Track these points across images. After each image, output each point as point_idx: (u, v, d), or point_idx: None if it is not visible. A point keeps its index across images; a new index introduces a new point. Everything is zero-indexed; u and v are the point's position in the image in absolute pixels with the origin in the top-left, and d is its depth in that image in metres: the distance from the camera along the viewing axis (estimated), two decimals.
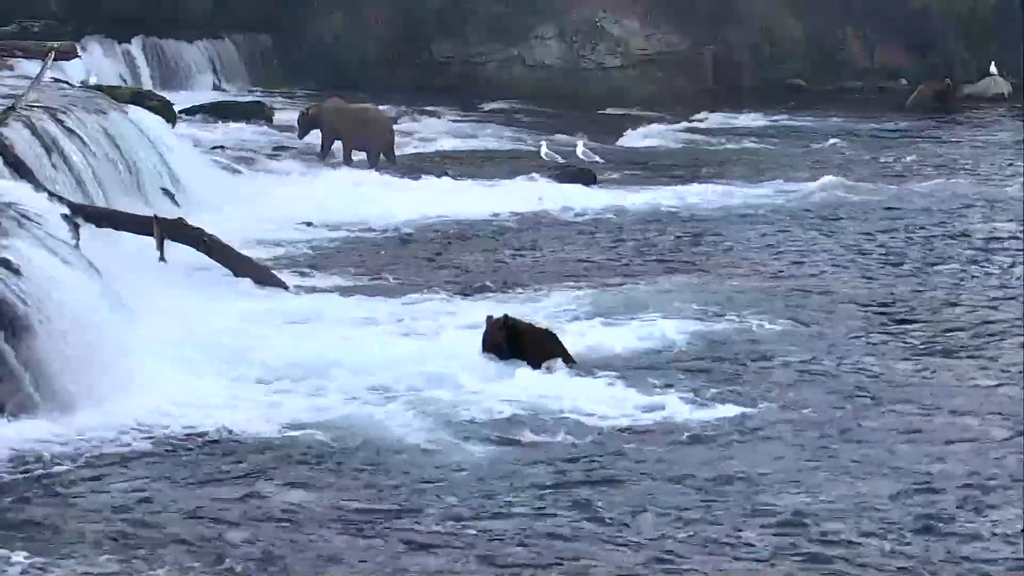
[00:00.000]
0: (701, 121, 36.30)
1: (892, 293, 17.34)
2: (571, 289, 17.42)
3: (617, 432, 12.23)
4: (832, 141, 32.13)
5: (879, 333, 15.43)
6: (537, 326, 14.37)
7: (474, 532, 10.05)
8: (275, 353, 13.92)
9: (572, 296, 16.99)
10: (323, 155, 27.87)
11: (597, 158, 28.75)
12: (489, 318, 14.28)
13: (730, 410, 12.70)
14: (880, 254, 19.82)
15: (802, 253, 20.00)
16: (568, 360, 13.97)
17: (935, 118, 37.15)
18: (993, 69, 41.07)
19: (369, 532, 10.03)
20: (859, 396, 13.25)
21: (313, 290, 17.48)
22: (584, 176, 26.25)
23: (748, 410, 12.71)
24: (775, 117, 37.30)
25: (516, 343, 14.08)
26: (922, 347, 14.96)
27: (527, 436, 12.05)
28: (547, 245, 20.77)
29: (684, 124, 35.56)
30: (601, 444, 11.94)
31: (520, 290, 17.22)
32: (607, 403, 12.89)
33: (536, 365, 13.87)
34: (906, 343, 15.08)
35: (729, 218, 22.80)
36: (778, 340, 15.03)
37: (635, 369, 13.92)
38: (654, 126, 34.69)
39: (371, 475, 11.13)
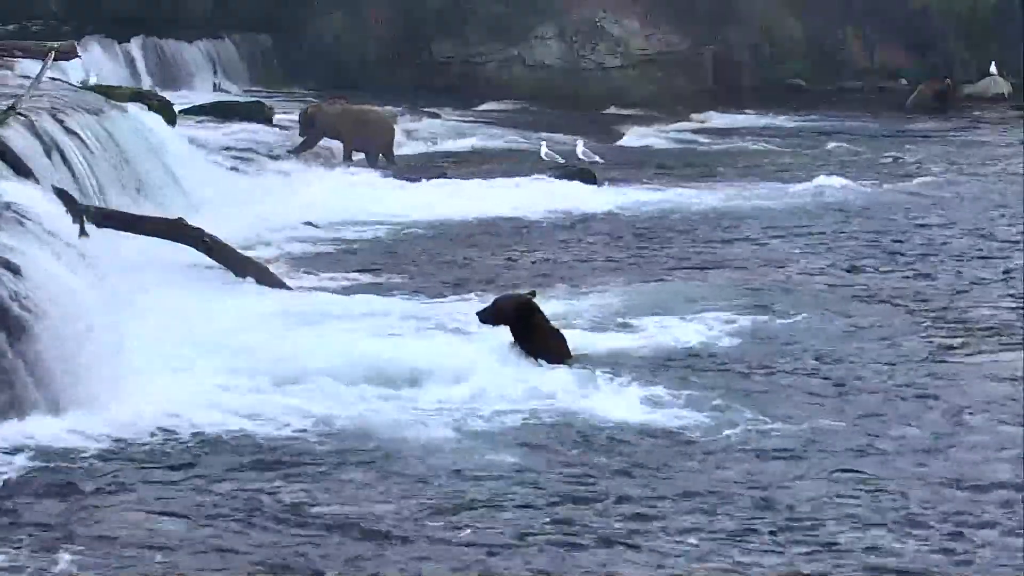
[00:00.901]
0: (701, 121, 36.32)
1: (918, 292, 17.30)
2: (609, 287, 17.33)
3: (659, 437, 11.97)
4: (832, 142, 32.15)
5: (921, 334, 15.31)
6: (549, 323, 14.28)
7: (491, 538, 9.91)
8: (277, 353, 13.86)
9: (619, 293, 16.91)
10: (299, 150, 27.92)
11: (597, 158, 28.75)
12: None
13: (784, 416, 12.39)
14: (891, 253, 19.76)
15: (821, 251, 19.97)
16: (568, 362, 13.90)
17: (935, 118, 37.17)
18: (993, 69, 41.14)
19: (375, 534, 9.97)
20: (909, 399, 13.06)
21: (315, 290, 17.46)
22: (585, 176, 26.26)
23: (800, 418, 12.39)
24: (775, 117, 37.35)
25: (525, 328, 14.01)
26: (947, 343, 14.92)
27: (551, 441, 11.84)
28: (559, 244, 20.72)
29: (684, 124, 35.61)
30: (639, 450, 11.68)
31: (546, 288, 17.03)
32: (645, 406, 12.67)
33: (531, 356, 13.78)
34: (938, 341, 15.00)
35: (737, 217, 22.77)
36: (838, 338, 15.02)
37: (695, 369, 13.79)
38: (654, 126, 34.71)
39: (379, 477, 11.06)
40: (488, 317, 14.17)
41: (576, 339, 14.34)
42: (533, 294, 14.51)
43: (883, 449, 11.63)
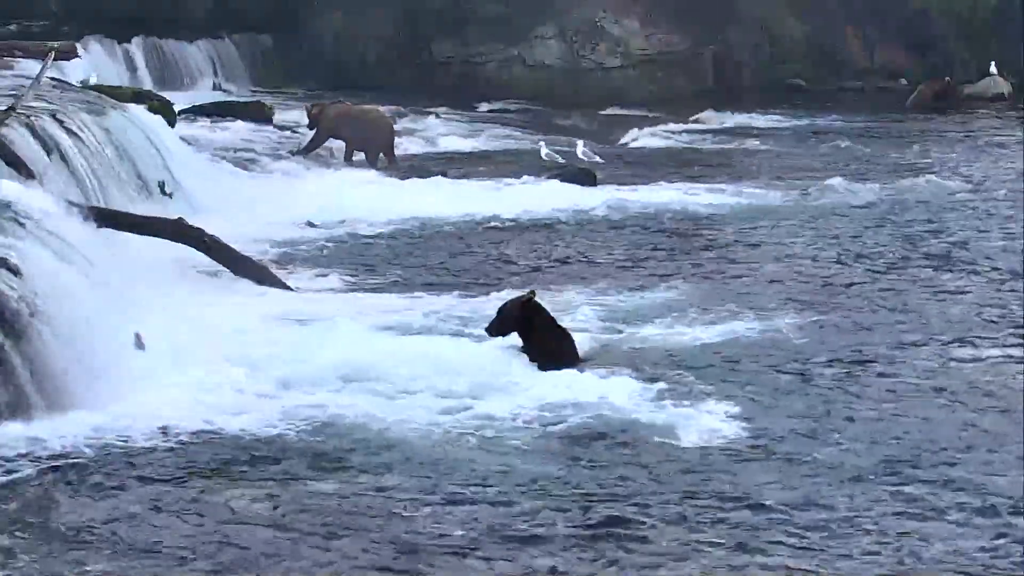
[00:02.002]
0: (701, 121, 36.27)
1: (934, 293, 17.31)
2: (612, 287, 17.31)
3: (671, 437, 11.92)
4: (832, 142, 32.12)
5: (945, 334, 15.30)
6: (556, 322, 14.24)
7: (501, 544, 9.87)
8: (279, 354, 13.88)
9: (622, 294, 16.90)
10: (305, 151, 27.93)
11: (597, 158, 28.72)
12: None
13: (802, 424, 12.32)
14: (894, 253, 19.71)
15: (825, 250, 19.91)
16: (577, 364, 13.83)
17: (935, 118, 37.15)
18: (993, 69, 41.06)
19: (380, 537, 9.95)
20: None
21: (315, 290, 17.46)
22: (585, 177, 26.20)
23: (836, 421, 12.34)
24: (775, 117, 37.29)
25: (528, 329, 13.95)
26: (974, 344, 14.92)
27: (558, 444, 11.79)
28: (559, 245, 20.65)
29: (684, 124, 35.54)
30: (648, 451, 11.64)
31: (547, 288, 16.92)
32: (656, 407, 12.62)
33: (536, 360, 13.76)
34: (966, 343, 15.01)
35: (738, 217, 22.70)
36: (863, 338, 15.00)
37: (702, 369, 13.76)
38: (655, 126, 34.67)
39: (383, 479, 11.03)
40: (495, 328, 14.16)
41: (581, 340, 14.31)
42: (533, 293, 14.50)
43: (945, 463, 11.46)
